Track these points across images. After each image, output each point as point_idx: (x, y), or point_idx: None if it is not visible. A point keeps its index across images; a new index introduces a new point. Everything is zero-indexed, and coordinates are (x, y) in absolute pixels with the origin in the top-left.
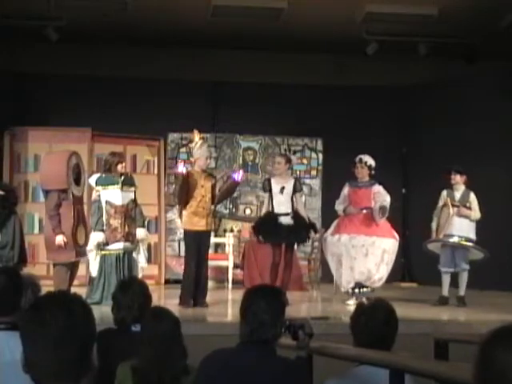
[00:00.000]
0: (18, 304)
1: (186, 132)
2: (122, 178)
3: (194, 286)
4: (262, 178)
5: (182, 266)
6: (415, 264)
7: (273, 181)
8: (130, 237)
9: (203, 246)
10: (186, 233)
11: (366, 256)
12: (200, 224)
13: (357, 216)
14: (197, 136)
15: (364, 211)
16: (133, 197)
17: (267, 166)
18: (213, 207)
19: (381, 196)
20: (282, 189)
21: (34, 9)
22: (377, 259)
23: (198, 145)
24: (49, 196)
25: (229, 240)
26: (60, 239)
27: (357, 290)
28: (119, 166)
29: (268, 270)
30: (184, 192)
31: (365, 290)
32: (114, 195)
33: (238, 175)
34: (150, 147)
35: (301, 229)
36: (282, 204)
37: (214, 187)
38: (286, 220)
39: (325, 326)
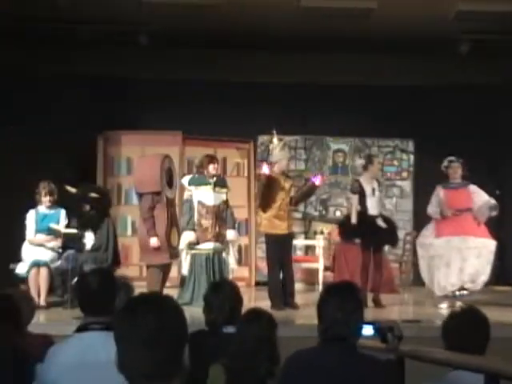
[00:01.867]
0: (112, 305)
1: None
2: (215, 178)
3: (281, 289)
4: (352, 179)
5: None
6: (510, 267)
7: (363, 182)
8: (220, 237)
9: (286, 249)
10: (268, 237)
11: (478, 257)
12: (282, 227)
13: (457, 217)
14: (275, 138)
15: (462, 212)
16: (224, 198)
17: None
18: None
19: (480, 196)
20: (373, 190)
21: (125, 15)
22: (486, 261)
23: (279, 147)
24: (143, 199)
25: (319, 242)
26: (154, 241)
27: (458, 293)
28: (211, 167)
29: (358, 272)
30: (267, 194)
31: (464, 292)
32: (206, 195)
33: (318, 179)
34: (239, 150)
35: (393, 231)
36: (374, 206)
37: (291, 189)
38: (380, 222)
39: (417, 330)
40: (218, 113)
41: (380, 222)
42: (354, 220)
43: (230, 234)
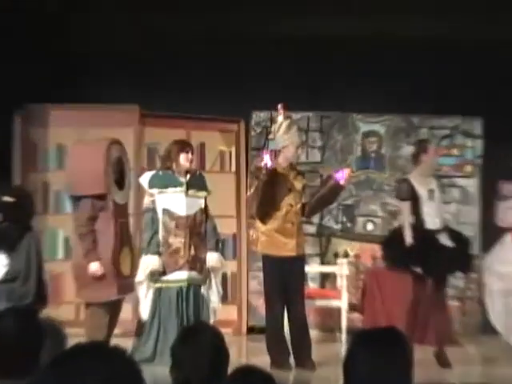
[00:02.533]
0: (35, 361)
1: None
2: (188, 176)
3: (285, 338)
4: (390, 176)
5: None
6: None
7: (414, 182)
8: (197, 263)
9: (294, 279)
10: (268, 260)
11: None
12: (287, 247)
13: None
14: (281, 115)
15: None
16: (202, 205)
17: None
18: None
19: None
20: (431, 192)
21: None
22: None
23: (284, 126)
24: (80, 205)
25: (342, 269)
26: (95, 268)
27: None
28: (182, 158)
29: (401, 314)
30: (268, 197)
31: None
32: (175, 202)
33: (343, 175)
34: (224, 133)
35: (464, 251)
36: (434, 215)
37: (304, 191)
38: (444, 239)
39: None
40: (193, 82)
41: (444, 239)
42: (408, 238)
43: (212, 258)
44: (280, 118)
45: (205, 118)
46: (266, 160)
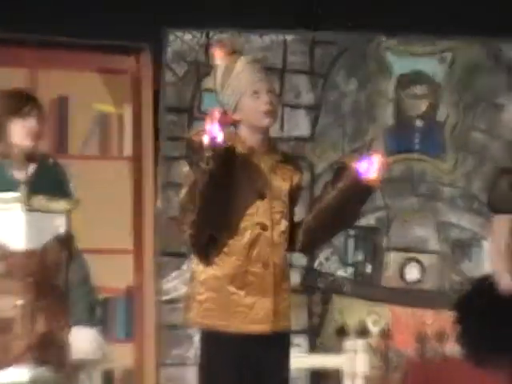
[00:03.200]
0: None
1: (213, 27)
2: (31, 168)
3: None
4: (456, 167)
5: None
6: None
7: None
8: (49, 350)
9: (261, 377)
10: (212, 342)
11: None
12: (254, 315)
13: None
14: (219, 54)
15: None
16: (61, 228)
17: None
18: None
19: None
20: None
21: None
22: None
23: (238, 68)
24: None
25: (354, 363)
26: None
27: None
28: (16, 128)
29: None
30: (212, 209)
31: None
32: (3, 222)
33: (372, 164)
34: (108, 76)
35: None
36: None
37: (296, 195)
38: None
39: None
40: None
41: None
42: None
43: (80, 342)
44: (218, 61)
45: (69, 45)
46: (212, 131)
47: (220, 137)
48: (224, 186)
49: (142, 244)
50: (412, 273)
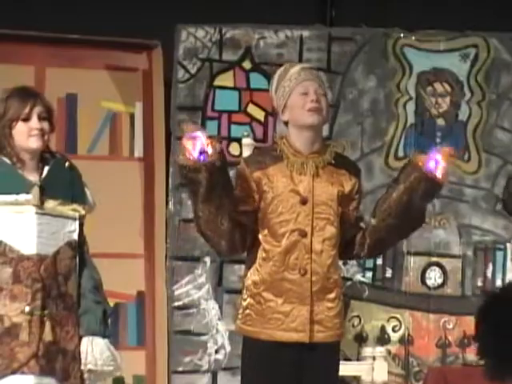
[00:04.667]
0: None
1: (226, 23)
2: (45, 170)
3: None
4: (481, 169)
5: None
6: None
7: None
8: (57, 359)
9: None
10: (249, 349)
11: None
12: (289, 323)
13: None
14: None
15: None
16: (74, 235)
17: None
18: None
19: None
20: None
21: None
22: None
23: (292, 71)
24: None
25: (374, 370)
26: None
27: None
28: (23, 128)
29: None
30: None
31: None
32: (14, 226)
33: (440, 160)
34: (119, 73)
35: None
36: None
37: (352, 201)
38: None
39: None
40: None
41: None
42: None
43: (90, 350)
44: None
45: (78, 42)
46: (197, 148)
47: (204, 154)
48: (225, 191)
49: (153, 248)
50: (433, 277)
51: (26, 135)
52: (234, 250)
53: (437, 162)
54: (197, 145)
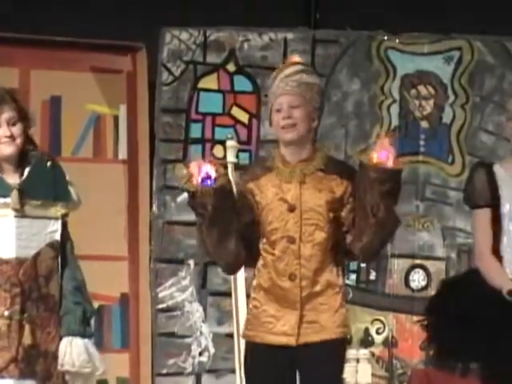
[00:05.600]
0: None
1: (210, 25)
2: (27, 170)
3: None
4: (464, 171)
5: None
6: None
7: (501, 170)
8: (37, 362)
9: None
10: (249, 353)
11: None
12: (279, 325)
13: None
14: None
15: None
16: (56, 235)
17: None
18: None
19: None
20: None
21: None
22: None
23: (274, 83)
24: None
25: (357, 372)
26: None
27: None
28: (3, 130)
29: None
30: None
31: None
32: None
33: (387, 149)
34: (103, 76)
35: None
36: None
37: (344, 205)
38: None
39: None
40: None
41: None
42: (501, 285)
43: (70, 354)
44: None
45: (62, 44)
46: (202, 174)
47: (211, 179)
48: (229, 215)
49: (137, 250)
50: (417, 280)
51: (5, 143)
52: (241, 266)
53: (385, 152)
54: (202, 170)
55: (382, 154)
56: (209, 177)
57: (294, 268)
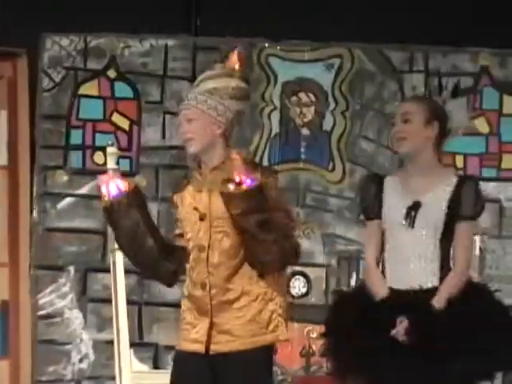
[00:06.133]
0: None
1: (91, 31)
2: None
3: None
4: (344, 178)
5: None
6: None
7: (390, 183)
8: None
9: None
10: (174, 358)
11: None
12: (193, 332)
13: None
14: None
15: None
16: None
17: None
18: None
19: None
20: (415, 208)
21: None
22: None
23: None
24: None
25: None
26: None
27: None
28: None
29: None
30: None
31: None
32: None
33: (247, 172)
34: None
35: (503, 338)
36: (411, 259)
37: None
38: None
39: None
40: None
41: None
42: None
43: None
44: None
45: None
46: (107, 189)
47: (114, 190)
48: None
49: (17, 257)
50: (297, 286)
51: None
52: (178, 278)
53: (239, 177)
54: (110, 184)
55: (236, 177)
56: (120, 190)
57: (205, 276)
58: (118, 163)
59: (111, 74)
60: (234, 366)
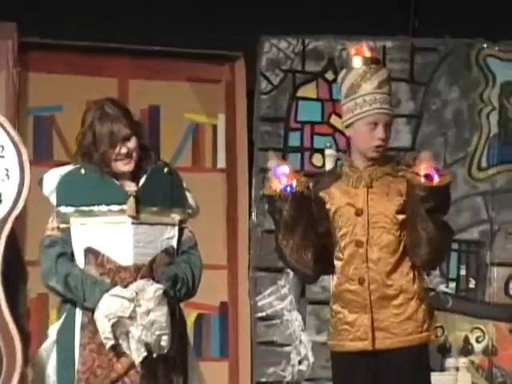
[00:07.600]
0: None
1: (309, 34)
2: (144, 178)
3: None
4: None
5: None
6: None
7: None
8: (155, 364)
9: None
10: (333, 363)
11: None
12: (354, 331)
13: None
14: (354, 49)
15: None
16: (173, 241)
17: None
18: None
19: None
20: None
21: None
22: None
23: (358, 74)
24: None
25: (458, 379)
26: None
27: None
28: (118, 152)
29: None
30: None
31: None
32: (110, 236)
33: (433, 168)
34: (202, 85)
35: None
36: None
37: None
38: None
39: None
40: None
41: None
42: None
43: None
44: (356, 60)
45: (161, 54)
46: (282, 183)
47: (290, 186)
48: (305, 220)
49: (236, 259)
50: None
51: (113, 160)
52: (318, 277)
53: (429, 169)
54: (283, 177)
55: (427, 171)
56: (289, 183)
57: (363, 271)
58: (336, 165)
59: (329, 76)
60: (397, 364)
